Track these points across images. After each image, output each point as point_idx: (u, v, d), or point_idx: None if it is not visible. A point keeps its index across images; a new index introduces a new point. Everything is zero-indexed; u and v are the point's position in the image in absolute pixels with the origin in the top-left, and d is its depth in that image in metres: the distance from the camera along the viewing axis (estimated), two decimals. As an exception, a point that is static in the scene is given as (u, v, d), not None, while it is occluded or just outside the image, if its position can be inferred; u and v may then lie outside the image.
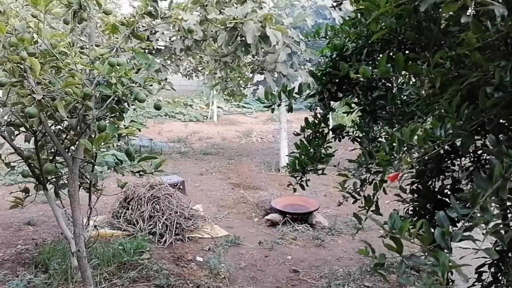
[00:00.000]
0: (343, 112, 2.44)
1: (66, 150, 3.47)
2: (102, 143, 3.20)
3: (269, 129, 14.27)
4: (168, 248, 4.93)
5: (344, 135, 2.57)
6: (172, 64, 13.59)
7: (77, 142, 3.40)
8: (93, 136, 3.59)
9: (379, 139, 2.31)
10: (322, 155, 2.46)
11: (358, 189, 2.35)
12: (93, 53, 3.29)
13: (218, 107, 16.80)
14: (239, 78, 9.66)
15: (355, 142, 2.54)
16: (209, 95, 16.40)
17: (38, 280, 3.96)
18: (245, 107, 18.49)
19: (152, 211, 5.24)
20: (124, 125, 3.53)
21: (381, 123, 2.18)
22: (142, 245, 4.65)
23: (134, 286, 3.96)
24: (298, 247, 5.17)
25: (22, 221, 5.58)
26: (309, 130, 2.47)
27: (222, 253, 4.85)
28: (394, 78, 1.97)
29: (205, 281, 4.21)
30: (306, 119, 2.51)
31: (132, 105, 3.74)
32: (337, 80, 2.29)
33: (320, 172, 2.55)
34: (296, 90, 2.49)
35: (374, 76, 1.83)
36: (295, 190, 2.74)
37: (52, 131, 3.36)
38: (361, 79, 2.14)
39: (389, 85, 2.07)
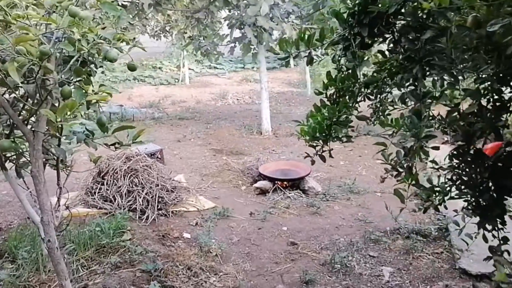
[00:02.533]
0: (375, 63, 1.96)
1: (25, 122, 2.89)
2: (68, 113, 2.65)
3: (245, 90, 13.71)
4: (151, 225, 4.46)
5: (377, 92, 2.04)
6: (138, 23, 12.70)
7: (37, 113, 2.82)
8: (56, 105, 3.01)
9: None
10: (348, 119, 1.97)
11: (403, 160, 1.87)
12: (49, 1, 2.65)
13: (189, 68, 16.02)
14: (213, 36, 9.00)
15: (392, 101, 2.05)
16: (180, 57, 15.56)
17: (4, 273, 3.44)
18: (217, 68, 17.74)
19: (131, 185, 4.72)
20: (93, 91, 2.93)
21: (434, 74, 1.71)
22: (122, 224, 4.15)
23: (116, 273, 3.50)
24: (293, 216, 4.80)
25: (-18, 203, 4.98)
26: (332, 87, 1.96)
27: (211, 228, 4.43)
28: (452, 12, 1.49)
29: (196, 261, 3.79)
30: (328, 74, 2.01)
31: (100, 66, 3.15)
32: (368, 21, 1.78)
33: (345, 140, 2.06)
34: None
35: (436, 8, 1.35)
36: (313, 162, 2.27)
37: (5, 100, 2.76)
38: (405, 18, 1.66)
39: (444, 23, 1.59)
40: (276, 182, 5.41)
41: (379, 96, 1.98)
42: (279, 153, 7.03)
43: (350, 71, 1.91)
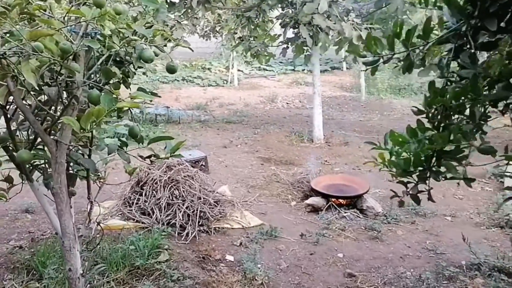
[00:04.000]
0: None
1: (49, 131, 2.52)
2: (94, 121, 2.24)
3: (295, 93, 13.16)
4: (191, 243, 4.03)
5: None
6: (188, 23, 12.49)
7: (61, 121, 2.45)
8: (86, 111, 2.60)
9: None
10: (461, 151, 1.40)
11: None
12: (79, -7, 2.26)
13: (239, 70, 15.68)
14: (264, 36, 8.52)
15: None
16: (229, 58, 15.24)
17: (28, 293, 3.12)
18: (266, 70, 17.33)
19: (170, 197, 4.32)
20: (130, 95, 2.49)
21: None
22: (159, 243, 3.75)
23: (149, 304, 3.08)
24: (349, 241, 4.21)
25: (19, 208, 4.75)
26: (434, 105, 1.40)
27: (257, 250, 3.93)
28: None
29: (239, 290, 3.31)
30: (432, 85, 1.46)
31: (139, 67, 2.75)
32: (497, 10, 1.21)
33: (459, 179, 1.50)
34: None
35: None
36: (402, 203, 1.72)
37: (25, 105, 2.40)
38: None
39: None
40: (330, 199, 4.84)
41: None
42: (332, 165, 6.43)
43: (466, 81, 1.33)
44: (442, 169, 1.53)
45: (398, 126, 9.15)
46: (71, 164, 2.84)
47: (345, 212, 4.72)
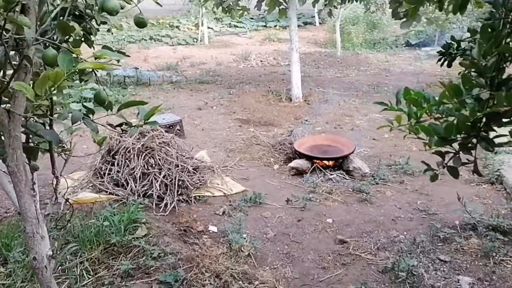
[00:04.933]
0: None
1: (-3, 99, 2.14)
2: (52, 86, 1.89)
3: (268, 51, 12.71)
4: (170, 215, 3.76)
5: None
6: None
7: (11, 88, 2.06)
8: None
9: None
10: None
11: None
12: None
13: (209, 27, 14.99)
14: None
15: None
16: (198, 14, 14.51)
17: (-8, 281, 2.80)
18: (237, 27, 16.69)
19: (146, 166, 3.99)
20: (93, 55, 2.09)
21: None
22: (135, 217, 3.45)
23: (128, 285, 2.81)
24: (337, 204, 4.03)
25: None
26: (489, 54, 1.11)
27: (241, 219, 3.69)
28: None
29: (225, 264, 3.08)
30: (485, 28, 1.16)
31: (102, 23, 2.36)
32: None
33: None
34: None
35: None
36: (435, 177, 1.47)
37: (-36, 69, 2.00)
38: None
39: None
40: (314, 161, 4.62)
41: None
42: (313, 124, 6.19)
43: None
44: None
45: (376, 81, 8.95)
46: (31, 136, 2.48)
47: (331, 174, 4.52)
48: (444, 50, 2.03)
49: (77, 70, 1.94)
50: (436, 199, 4.07)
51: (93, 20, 2.45)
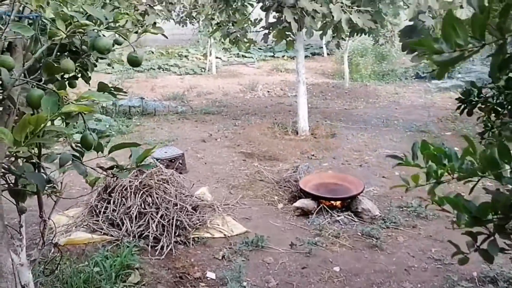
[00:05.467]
0: None
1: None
2: (32, 131, 1.72)
3: (275, 81, 12.63)
4: (166, 259, 3.52)
5: None
6: (163, 9, 11.76)
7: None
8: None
9: None
10: None
11: None
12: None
13: (217, 57, 15.03)
14: (244, 21, 7.93)
15: None
16: (206, 44, 14.57)
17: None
18: (245, 57, 16.71)
19: (143, 205, 3.79)
20: (79, 96, 1.94)
21: None
22: (129, 261, 3.23)
23: None
24: (345, 250, 3.77)
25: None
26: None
27: (241, 265, 3.44)
28: None
29: (223, 317, 2.83)
30: None
31: (100, 58, 2.22)
32: None
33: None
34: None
35: None
36: (465, 260, 1.24)
37: None
38: None
39: None
40: (321, 201, 4.38)
41: None
42: (320, 159, 5.98)
43: None
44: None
45: (385, 114, 8.76)
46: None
47: (338, 216, 4.27)
48: (463, 97, 1.83)
49: (61, 113, 1.80)
50: (451, 246, 3.78)
51: (90, 55, 2.32)
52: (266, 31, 6.63)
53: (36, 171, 2.37)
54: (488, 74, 1.83)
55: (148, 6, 6.75)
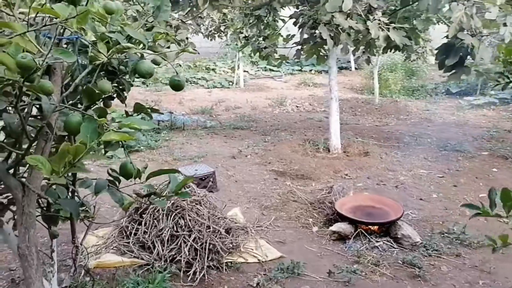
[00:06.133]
0: None
1: (14, 171, 1.91)
2: (70, 162, 1.64)
3: (304, 95, 12.50)
4: (199, 285, 3.40)
5: None
6: (192, 23, 11.82)
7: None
8: (71, 143, 2.06)
9: None
10: None
11: None
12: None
13: (244, 71, 15.02)
14: (275, 36, 7.85)
15: None
16: (234, 58, 14.60)
17: None
18: (273, 70, 16.65)
19: (175, 228, 3.68)
20: (120, 124, 1.85)
21: None
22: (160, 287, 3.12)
23: None
24: (386, 280, 3.56)
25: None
26: None
27: (277, 293, 3.29)
28: None
29: None
30: None
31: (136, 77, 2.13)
32: None
33: None
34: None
35: None
36: None
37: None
38: None
39: None
40: (358, 224, 4.20)
41: None
42: (354, 179, 5.79)
43: None
44: None
45: (417, 132, 8.50)
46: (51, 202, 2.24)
47: (377, 241, 4.08)
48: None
49: (101, 142, 1.71)
50: (500, 278, 3.55)
51: (126, 75, 2.25)
52: (299, 46, 6.51)
53: (70, 196, 2.31)
54: None
55: (180, 21, 6.74)
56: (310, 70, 16.57)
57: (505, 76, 2.18)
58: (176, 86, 2.00)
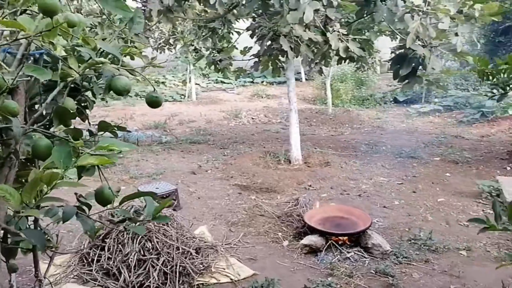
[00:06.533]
0: None
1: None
2: (43, 190, 1.45)
3: (258, 107, 12.52)
4: (171, 311, 3.21)
5: None
6: (141, 35, 11.49)
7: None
8: (33, 168, 1.86)
9: None
10: None
11: None
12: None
13: (196, 83, 14.84)
14: (229, 49, 7.79)
15: None
16: (185, 71, 14.40)
17: None
18: (224, 82, 16.60)
19: (142, 251, 3.47)
20: (97, 146, 1.71)
21: None
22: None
23: None
24: (362, 291, 3.54)
25: None
26: None
27: (254, 314, 3.16)
28: None
29: None
30: None
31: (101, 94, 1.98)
32: None
33: None
34: None
35: None
36: None
37: None
38: None
39: None
40: (329, 236, 4.16)
41: None
42: (318, 190, 5.78)
43: None
44: None
45: (372, 140, 8.70)
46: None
47: (348, 252, 4.05)
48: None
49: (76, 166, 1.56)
50: (469, 282, 3.62)
51: (89, 92, 2.08)
52: (256, 59, 6.47)
53: (33, 226, 2.09)
54: None
55: (134, 35, 6.50)
56: (262, 82, 16.67)
57: (501, 87, 2.23)
58: (154, 102, 1.86)
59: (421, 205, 5.30)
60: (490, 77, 2.33)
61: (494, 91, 2.24)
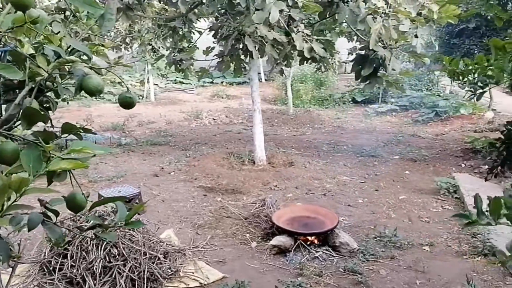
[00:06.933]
0: None
1: None
2: (12, 198, 1.34)
3: (218, 108, 12.43)
4: (140, 319, 3.10)
5: None
6: (97, 34, 11.13)
7: None
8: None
9: None
10: None
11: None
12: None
13: (154, 84, 14.54)
14: (190, 49, 7.67)
15: None
16: (143, 71, 14.08)
17: None
18: (183, 83, 16.38)
19: (107, 258, 3.33)
20: (71, 149, 1.60)
21: None
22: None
23: None
24: (332, 290, 3.56)
25: None
26: None
27: (226, 318, 3.11)
28: None
29: None
30: None
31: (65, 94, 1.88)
32: None
33: None
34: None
35: None
36: None
37: None
38: None
39: None
40: (297, 236, 4.17)
41: None
42: (283, 190, 5.80)
43: None
44: None
45: (333, 140, 8.84)
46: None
47: (317, 252, 4.08)
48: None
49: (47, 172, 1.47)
50: (434, 277, 3.73)
51: (52, 92, 1.97)
52: (219, 59, 6.41)
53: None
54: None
55: (92, 34, 6.27)
56: (222, 82, 16.57)
57: (479, 86, 2.29)
58: (128, 103, 1.77)
59: (384, 202, 5.43)
60: (461, 77, 2.40)
61: (472, 89, 2.30)
